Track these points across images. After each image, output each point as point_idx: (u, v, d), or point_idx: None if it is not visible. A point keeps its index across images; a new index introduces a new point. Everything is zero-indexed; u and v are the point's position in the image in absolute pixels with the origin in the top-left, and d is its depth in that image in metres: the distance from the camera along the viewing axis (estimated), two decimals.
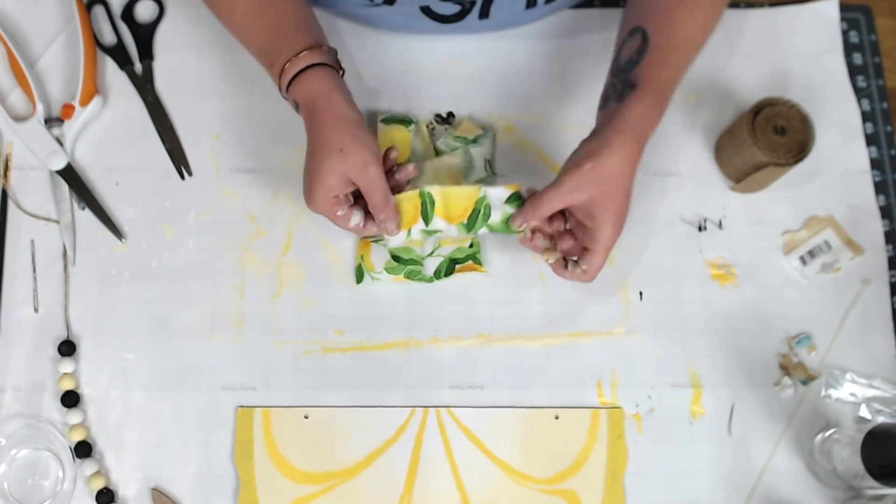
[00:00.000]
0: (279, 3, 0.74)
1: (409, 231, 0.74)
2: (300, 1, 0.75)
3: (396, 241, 0.74)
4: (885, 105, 0.88)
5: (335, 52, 0.74)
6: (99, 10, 0.86)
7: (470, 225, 0.74)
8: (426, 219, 0.74)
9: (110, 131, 0.83)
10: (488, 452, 0.76)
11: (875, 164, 0.87)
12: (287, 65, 0.71)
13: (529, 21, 0.87)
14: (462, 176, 0.81)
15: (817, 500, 0.77)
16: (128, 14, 0.86)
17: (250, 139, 0.83)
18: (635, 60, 0.72)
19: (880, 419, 0.78)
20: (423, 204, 0.74)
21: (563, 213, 0.74)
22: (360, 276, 0.79)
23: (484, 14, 0.81)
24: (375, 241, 0.79)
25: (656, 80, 0.71)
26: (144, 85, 0.84)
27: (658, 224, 0.83)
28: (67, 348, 0.76)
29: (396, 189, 0.74)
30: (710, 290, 0.82)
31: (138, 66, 0.85)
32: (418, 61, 0.86)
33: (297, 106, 0.72)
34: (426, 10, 0.81)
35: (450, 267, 0.79)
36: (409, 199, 0.73)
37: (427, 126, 0.83)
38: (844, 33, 0.90)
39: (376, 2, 0.80)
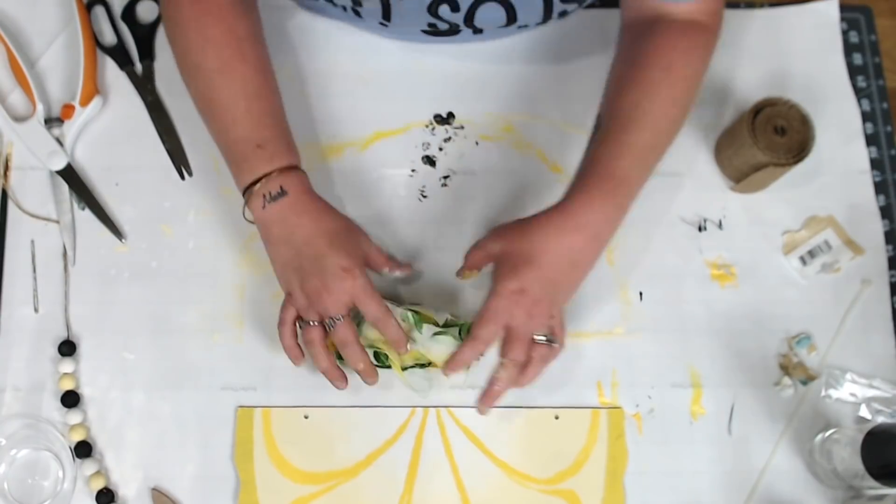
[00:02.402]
0: (279, 106, 0.74)
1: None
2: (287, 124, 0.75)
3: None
4: (885, 105, 0.88)
5: None
6: (99, 11, 0.86)
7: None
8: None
9: (110, 131, 0.83)
10: (488, 452, 0.76)
11: (875, 164, 0.87)
12: (281, 153, 0.71)
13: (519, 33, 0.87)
14: None
15: (817, 500, 0.77)
16: (128, 14, 0.86)
17: None
18: (588, 149, 0.75)
19: (880, 419, 0.78)
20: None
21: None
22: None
23: (477, 31, 0.81)
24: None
25: (604, 174, 0.71)
26: (144, 85, 0.84)
27: (658, 224, 0.83)
28: (67, 348, 0.76)
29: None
30: (710, 290, 0.82)
31: (138, 66, 0.85)
32: (417, 62, 0.86)
33: (280, 193, 0.70)
34: (424, 31, 0.81)
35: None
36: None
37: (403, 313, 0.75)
38: (844, 33, 0.90)
39: (369, 23, 0.80)
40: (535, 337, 0.72)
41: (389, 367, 0.74)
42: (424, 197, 0.83)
